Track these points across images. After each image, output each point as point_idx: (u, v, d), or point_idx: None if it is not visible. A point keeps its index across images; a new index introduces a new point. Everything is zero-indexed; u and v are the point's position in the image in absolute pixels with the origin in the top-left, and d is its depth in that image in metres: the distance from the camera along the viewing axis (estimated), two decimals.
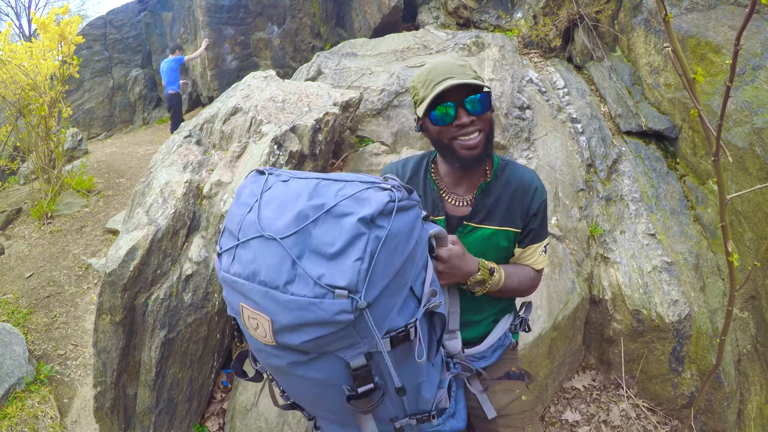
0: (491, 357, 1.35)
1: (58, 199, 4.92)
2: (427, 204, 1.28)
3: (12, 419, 2.70)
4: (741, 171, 2.77)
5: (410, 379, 0.91)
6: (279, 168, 2.93)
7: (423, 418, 0.98)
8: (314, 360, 0.81)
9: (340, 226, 0.76)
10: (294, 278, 0.75)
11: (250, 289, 0.79)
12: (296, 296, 0.74)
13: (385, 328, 0.81)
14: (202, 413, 2.76)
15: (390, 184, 0.84)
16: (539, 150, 3.50)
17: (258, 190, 0.88)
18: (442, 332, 0.96)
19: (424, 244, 0.93)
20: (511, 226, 1.25)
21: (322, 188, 0.83)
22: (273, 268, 0.77)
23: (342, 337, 0.77)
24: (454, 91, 1.13)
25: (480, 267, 1.15)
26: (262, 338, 0.82)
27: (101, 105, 9.14)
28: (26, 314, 3.50)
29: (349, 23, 7.25)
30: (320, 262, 0.75)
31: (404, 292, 0.84)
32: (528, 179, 1.27)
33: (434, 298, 0.90)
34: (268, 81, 3.85)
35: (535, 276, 1.32)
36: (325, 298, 0.73)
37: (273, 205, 0.84)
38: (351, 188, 0.81)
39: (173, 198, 2.74)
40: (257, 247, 0.80)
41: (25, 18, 16.49)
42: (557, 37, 4.45)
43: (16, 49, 4.91)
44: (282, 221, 0.79)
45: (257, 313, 0.79)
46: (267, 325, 0.78)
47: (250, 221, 0.83)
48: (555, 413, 2.85)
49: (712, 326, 2.75)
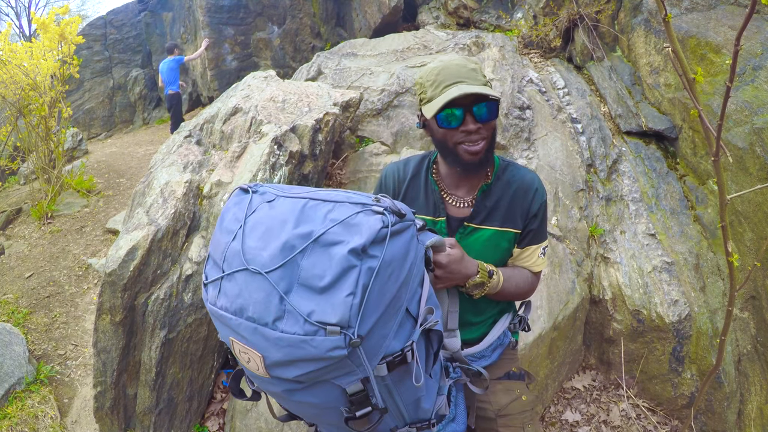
0: (491, 356, 1.35)
1: (58, 199, 4.92)
2: (428, 205, 1.28)
3: (12, 419, 2.70)
4: (741, 171, 2.77)
5: (409, 395, 0.90)
6: (279, 168, 2.93)
7: (423, 426, 0.97)
8: (310, 387, 0.80)
9: (330, 257, 0.72)
10: (283, 315, 0.72)
11: (238, 324, 0.77)
12: (286, 333, 0.72)
13: (380, 355, 0.78)
14: (202, 413, 2.76)
15: (382, 206, 0.80)
16: (539, 150, 3.50)
17: (242, 215, 0.84)
18: (440, 345, 0.94)
19: (420, 260, 0.89)
20: (512, 227, 1.25)
21: (309, 211, 0.79)
22: (260, 304, 0.74)
23: (337, 368, 0.75)
24: (463, 96, 1.11)
25: (479, 269, 1.15)
26: (255, 371, 0.80)
27: (101, 105, 9.14)
28: (26, 314, 3.50)
29: (349, 23, 7.25)
30: (310, 297, 0.72)
31: (400, 315, 0.82)
32: (529, 180, 1.26)
33: (431, 317, 0.87)
34: (268, 81, 3.85)
35: (533, 279, 1.32)
36: (316, 335, 0.70)
37: (258, 232, 0.80)
38: (340, 212, 0.78)
39: (173, 198, 2.74)
40: (243, 281, 0.77)
41: (25, 18, 16.50)
42: (557, 37, 4.45)
43: (16, 49, 4.90)
44: (268, 252, 0.76)
45: (248, 348, 0.77)
46: (259, 361, 0.76)
47: (234, 251, 0.80)
48: (555, 413, 2.85)
49: (712, 326, 2.75)
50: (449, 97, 1.09)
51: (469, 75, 1.13)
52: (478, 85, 1.12)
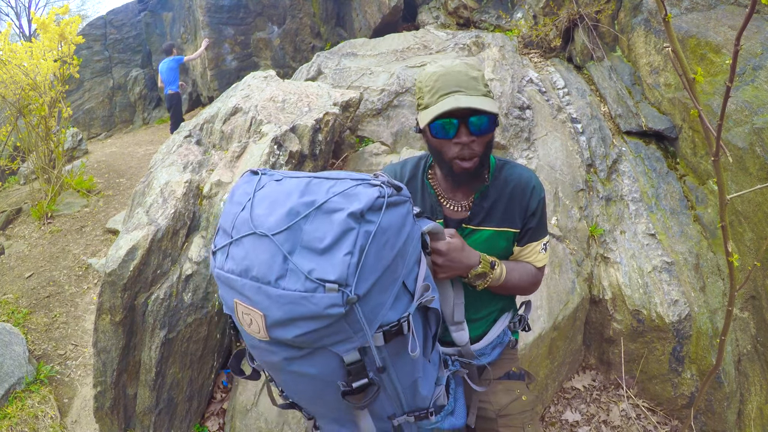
0: (490, 354, 1.36)
1: (58, 199, 4.92)
2: (425, 208, 1.28)
3: (12, 419, 2.70)
4: (741, 171, 2.77)
5: (406, 374, 0.91)
6: (279, 168, 2.93)
7: (421, 415, 0.99)
8: (308, 355, 0.82)
9: (330, 222, 0.77)
10: (285, 273, 0.76)
11: (243, 284, 0.80)
12: (288, 291, 0.76)
13: (377, 323, 0.82)
14: (202, 413, 2.76)
15: (380, 180, 0.85)
16: (539, 150, 3.50)
17: (251, 189, 0.89)
18: (437, 328, 0.96)
19: (417, 239, 0.94)
20: (510, 226, 1.25)
21: (313, 186, 0.84)
22: (265, 264, 0.78)
23: (335, 331, 0.78)
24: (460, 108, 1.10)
25: (481, 260, 1.15)
26: (256, 334, 0.83)
27: (101, 105, 9.14)
28: (26, 314, 3.50)
29: (349, 23, 7.25)
30: (311, 257, 0.76)
31: (396, 287, 0.85)
32: (525, 178, 1.26)
33: (427, 293, 0.91)
34: (268, 81, 3.85)
35: (537, 273, 1.31)
36: (315, 292, 0.74)
37: (265, 203, 0.85)
38: (341, 185, 0.83)
39: (173, 198, 2.74)
40: (250, 244, 0.81)
41: (25, 18, 16.50)
42: (557, 37, 4.45)
43: (16, 49, 4.90)
44: (274, 218, 0.80)
45: (250, 309, 0.80)
46: (260, 321, 0.80)
47: (243, 219, 0.85)
48: (555, 413, 2.85)
49: (712, 326, 2.75)
50: (443, 109, 1.07)
51: (468, 84, 1.10)
52: (477, 96, 1.09)
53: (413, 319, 0.87)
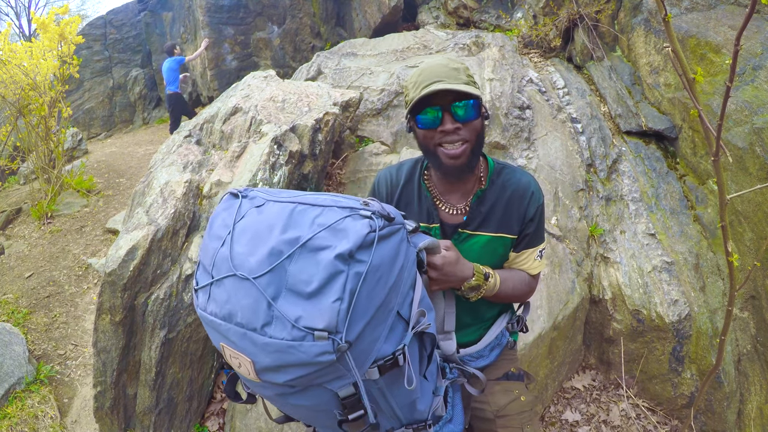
0: (489, 356, 1.35)
1: (58, 199, 4.92)
2: (421, 212, 1.25)
3: (12, 419, 2.70)
4: (741, 171, 2.77)
5: (403, 397, 0.89)
6: (279, 168, 2.93)
7: (419, 427, 0.97)
8: (302, 391, 0.80)
9: (317, 262, 0.72)
10: (271, 320, 0.72)
11: (227, 329, 0.77)
12: (275, 339, 0.72)
13: (372, 359, 0.78)
14: (202, 413, 2.76)
15: (370, 210, 0.79)
16: (539, 150, 3.50)
17: (230, 221, 0.84)
18: (433, 348, 0.94)
19: (411, 263, 0.89)
20: (507, 232, 1.23)
21: (297, 216, 0.79)
22: (249, 310, 0.74)
23: (327, 373, 0.75)
24: (442, 96, 1.08)
25: (474, 272, 1.13)
26: (246, 375, 0.80)
27: (101, 105, 9.14)
28: (26, 314, 3.50)
29: (349, 23, 7.25)
30: (297, 302, 0.72)
31: (390, 319, 0.81)
32: (524, 184, 1.23)
33: (423, 319, 0.87)
34: (268, 81, 3.85)
35: (531, 281, 1.29)
36: (304, 340, 0.70)
37: (246, 238, 0.80)
38: (328, 216, 0.77)
39: (173, 198, 2.74)
40: (231, 287, 0.77)
41: (25, 18, 16.50)
42: (557, 37, 4.45)
43: (16, 49, 4.90)
44: (255, 258, 0.75)
45: (238, 354, 0.77)
46: (249, 366, 0.76)
47: (222, 256, 0.80)
48: (555, 413, 2.85)
49: (712, 326, 2.75)
50: (423, 93, 1.07)
51: (449, 74, 1.09)
52: (459, 84, 1.08)
53: (410, 345, 0.84)
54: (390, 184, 1.31)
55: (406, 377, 0.80)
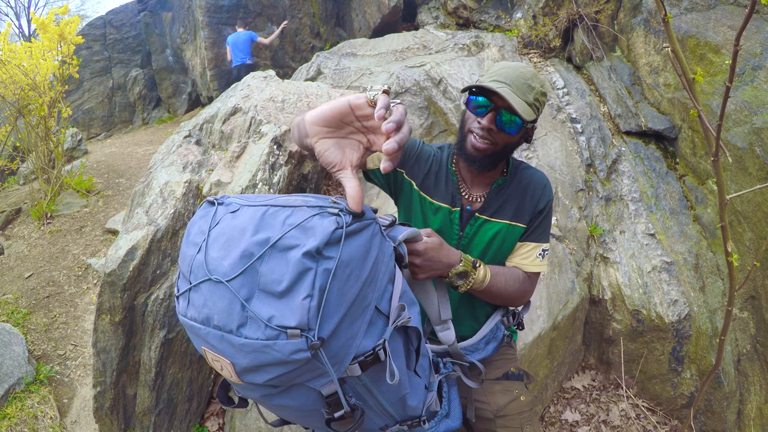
0: (485, 349, 1.35)
1: (57, 199, 4.91)
2: (447, 194, 1.32)
3: (12, 419, 2.70)
4: (741, 171, 2.77)
5: (392, 393, 0.89)
6: (278, 168, 2.93)
7: (414, 423, 0.97)
8: (286, 391, 0.80)
9: (286, 261, 0.73)
10: (246, 321, 0.73)
11: (207, 333, 0.78)
12: (250, 339, 0.72)
13: (351, 355, 0.78)
14: (202, 413, 2.76)
15: (338, 208, 0.79)
16: (539, 150, 3.50)
17: (206, 227, 0.84)
18: (419, 342, 0.94)
19: (389, 257, 0.89)
20: (520, 221, 1.29)
21: (269, 218, 0.79)
22: (224, 312, 0.75)
23: (307, 370, 0.75)
24: (500, 97, 1.14)
25: (462, 258, 1.13)
26: (229, 377, 0.81)
27: (101, 105, 9.14)
28: (26, 314, 3.50)
29: (349, 23, 7.25)
30: (270, 302, 0.72)
31: (368, 314, 0.81)
32: (539, 177, 1.33)
33: (403, 313, 0.87)
34: (267, 81, 3.85)
35: (526, 280, 1.29)
36: (278, 339, 0.71)
37: (219, 243, 0.80)
38: (298, 216, 0.77)
39: (173, 198, 2.74)
40: (207, 291, 0.78)
41: (24, 18, 16.49)
42: (557, 37, 4.45)
43: (15, 49, 4.90)
44: (228, 261, 0.76)
45: (218, 356, 0.78)
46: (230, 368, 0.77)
47: (198, 263, 0.81)
48: (555, 413, 2.85)
49: (711, 326, 2.75)
50: (484, 83, 1.15)
51: (520, 86, 1.15)
52: (520, 99, 1.14)
53: (393, 340, 0.84)
54: (431, 157, 1.37)
55: (388, 372, 0.80)
